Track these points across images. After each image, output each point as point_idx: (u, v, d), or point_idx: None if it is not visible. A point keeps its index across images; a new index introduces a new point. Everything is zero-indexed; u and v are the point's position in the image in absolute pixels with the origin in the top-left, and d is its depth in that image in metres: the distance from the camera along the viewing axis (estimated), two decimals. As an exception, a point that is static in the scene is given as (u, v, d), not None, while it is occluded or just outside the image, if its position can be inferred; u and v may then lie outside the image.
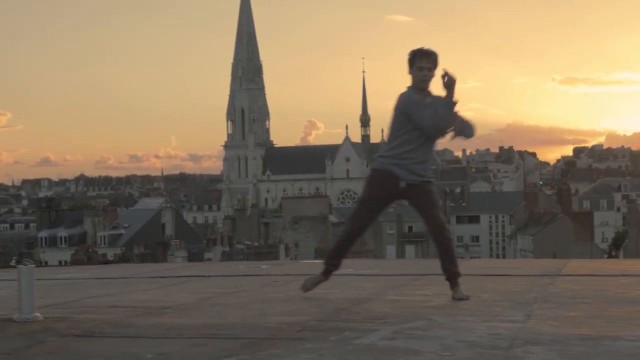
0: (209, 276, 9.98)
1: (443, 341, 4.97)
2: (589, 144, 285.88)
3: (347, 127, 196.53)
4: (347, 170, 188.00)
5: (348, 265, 10.33)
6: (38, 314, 5.98)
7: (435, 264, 7.30)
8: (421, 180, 6.89)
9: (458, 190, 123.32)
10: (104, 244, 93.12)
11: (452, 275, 6.95)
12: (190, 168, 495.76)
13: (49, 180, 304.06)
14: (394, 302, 6.96)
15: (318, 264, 7.96)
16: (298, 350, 4.76)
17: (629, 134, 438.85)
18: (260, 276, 9.71)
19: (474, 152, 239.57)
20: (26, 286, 5.92)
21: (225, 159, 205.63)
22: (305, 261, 15.94)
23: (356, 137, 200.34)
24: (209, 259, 63.88)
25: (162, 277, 10.23)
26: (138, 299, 7.49)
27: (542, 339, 4.98)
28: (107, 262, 53.42)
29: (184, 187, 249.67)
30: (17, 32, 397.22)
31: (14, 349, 4.98)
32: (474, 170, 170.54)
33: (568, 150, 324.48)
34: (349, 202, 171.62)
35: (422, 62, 6.78)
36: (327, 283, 7.42)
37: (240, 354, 4.68)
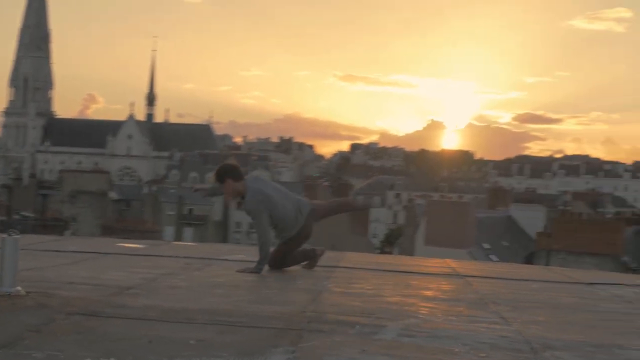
0: (107, 254, 9.81)
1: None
2: (363, 141, 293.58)
3: (133, 104, 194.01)
4: (129, 148, 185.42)
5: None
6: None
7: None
8: None
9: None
10: None
11: None
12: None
13: None
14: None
15: (194, 247, 9.40)
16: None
17: (400, 134, 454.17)
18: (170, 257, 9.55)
19: (255, 140, 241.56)
20: (10, 258, 5.70)
21: (4, 126, 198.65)
22: (180, 243, 15.69)
23: (140, 116, 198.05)
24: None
25: None
26: None
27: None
28: None
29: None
30: None
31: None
32: (255, 158, 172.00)
33: (343, 146, 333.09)
34: (127, 180, 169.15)
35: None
36: None
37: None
